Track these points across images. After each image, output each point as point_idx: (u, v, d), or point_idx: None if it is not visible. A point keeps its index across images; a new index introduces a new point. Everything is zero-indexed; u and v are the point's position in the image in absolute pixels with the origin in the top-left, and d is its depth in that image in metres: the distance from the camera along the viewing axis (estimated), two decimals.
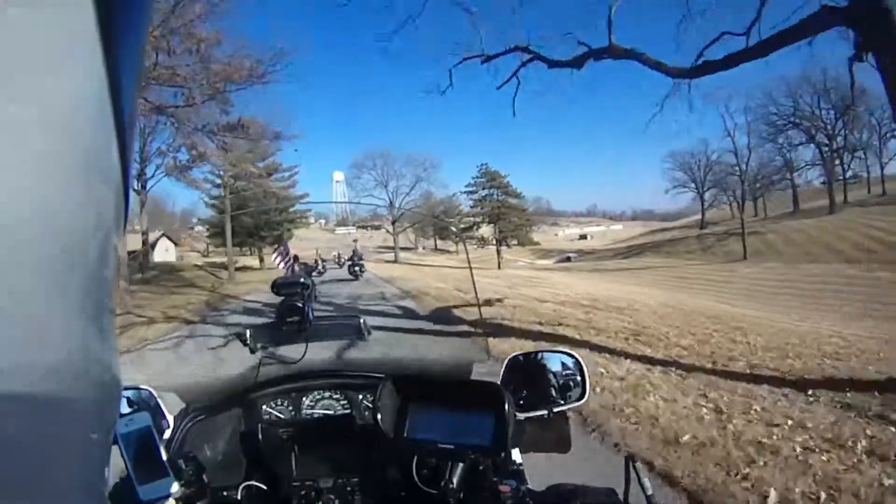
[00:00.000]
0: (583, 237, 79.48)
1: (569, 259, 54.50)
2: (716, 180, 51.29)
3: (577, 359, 1.15)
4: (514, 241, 42.39)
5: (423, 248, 59.58)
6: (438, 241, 62.30)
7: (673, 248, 37.83)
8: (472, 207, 44.53)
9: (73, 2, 0.22)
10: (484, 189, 43.61)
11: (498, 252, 40.38)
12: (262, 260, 31.25)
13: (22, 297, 0.21)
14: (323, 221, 75.89)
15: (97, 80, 0.24)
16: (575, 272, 30.77)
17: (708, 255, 32.56)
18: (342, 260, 16.11)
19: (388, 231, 50.36)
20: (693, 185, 52.75)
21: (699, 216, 67.45)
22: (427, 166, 48.57)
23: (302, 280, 1.19)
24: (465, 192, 44.80)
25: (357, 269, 14.69)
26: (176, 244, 40.47)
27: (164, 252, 36.18)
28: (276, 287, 1.17)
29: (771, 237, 32.15)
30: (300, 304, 1.15)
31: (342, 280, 14.13)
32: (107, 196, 0.27)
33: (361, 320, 1.34)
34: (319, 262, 14.80)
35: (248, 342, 1.22)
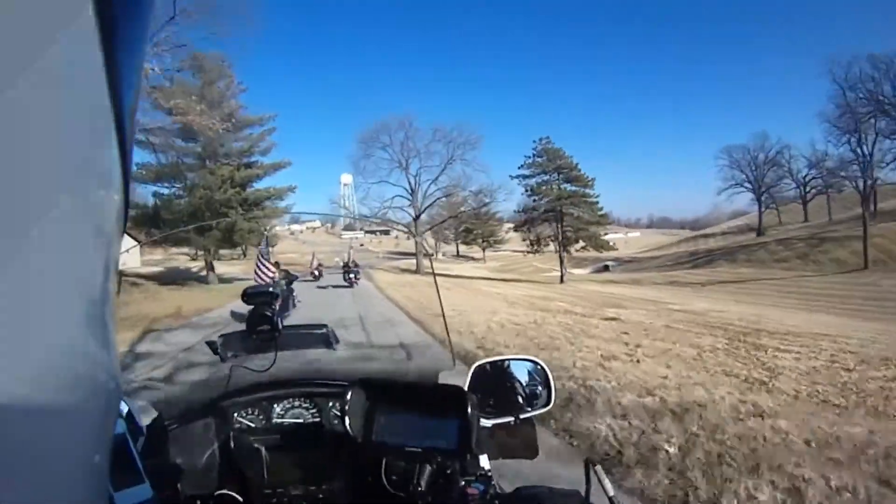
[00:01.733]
0: None
1: (607, 268, 48.96)
2: (775, 178, 46.19)
3: (542, 366, 1.16)
4: (580, 245, 31.50)
5: (444, 255, 53.50)
6: (461, 247, 56.35)
7: (752, 255, 32.19)
8: (527, 196, 32.47)
9: (73, 2, 0.21)
10: (544, 173, 31.78)
11: (561, 260, 31.07)
12: (211, 268, 21.24)
13: (22, 302, 0.21)
14: (329, 225, 71.18)
15: (97, 80, 0.23)
16: (654, 287, 24.82)
17: (810, 265, 26.89)
18: (352, 267, 15.01)
19: (407, 233, 40.94)
20: (749, 184, 47.27)
21: (733, 221, 62.73)
22: (462, 142, 35.68)
23: (271, 290, 1.18)
24: (516, 178, 32.90)
25: (352, 276, 13.95)
26: (139, 242, 27.32)
27: (124, 255, 26.30)
28: (247, 296, 1.16)
29: (878, 241, 26.65)
30: (269, 314, 1.14)
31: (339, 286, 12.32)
32: (106, 197, 0.27)
33: (330, 329, 1.37)
34: (315, 266, 14.31)
35: (219, 350, 1.24)
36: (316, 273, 14.70)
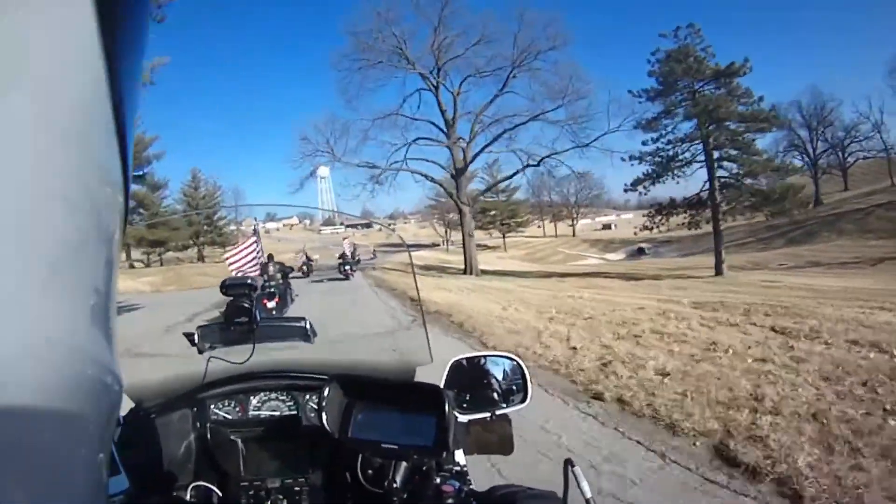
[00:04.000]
0: (606, 227, 70.49)
1: (642, 251, 42.77)
2: (834, 139, 40.70)
3: (518, 363, 1.17)
4: (764, 213, 19.20)
5: (454, 244, 45.66)
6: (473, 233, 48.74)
7: (865, 225, 26.64)
8: (644, 129, 18.70)
9: (73, 2, 0.21)
10: (679, 91, 17.85)
11: (716, 234, 18.50)
12: None
13: (24, 300, 0.21)
14: (308, 222, 63.98)
15: (97, 80, 0.23)
16: (832, 273, 17.49)
17: None
18: (348, 259, 13.68)
19: (389, 228, 29.79)
20: (803, 148, 41.56)
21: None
22: (530, 42, 19.27)
23: (249, 281, 1.17)
24: (639, 94, 19.04)
25: (347, 268, 12.94)
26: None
27: None
28: (225, 288, 1.14)
29: None
30: (247, 306, 1.14)
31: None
32: (107, 196, 0.27)
33: (308, 323, 1.37)
34: (306, 260, 13.58)
35: (196, 342, 1.25)
36: (305, 269, 13.30)
